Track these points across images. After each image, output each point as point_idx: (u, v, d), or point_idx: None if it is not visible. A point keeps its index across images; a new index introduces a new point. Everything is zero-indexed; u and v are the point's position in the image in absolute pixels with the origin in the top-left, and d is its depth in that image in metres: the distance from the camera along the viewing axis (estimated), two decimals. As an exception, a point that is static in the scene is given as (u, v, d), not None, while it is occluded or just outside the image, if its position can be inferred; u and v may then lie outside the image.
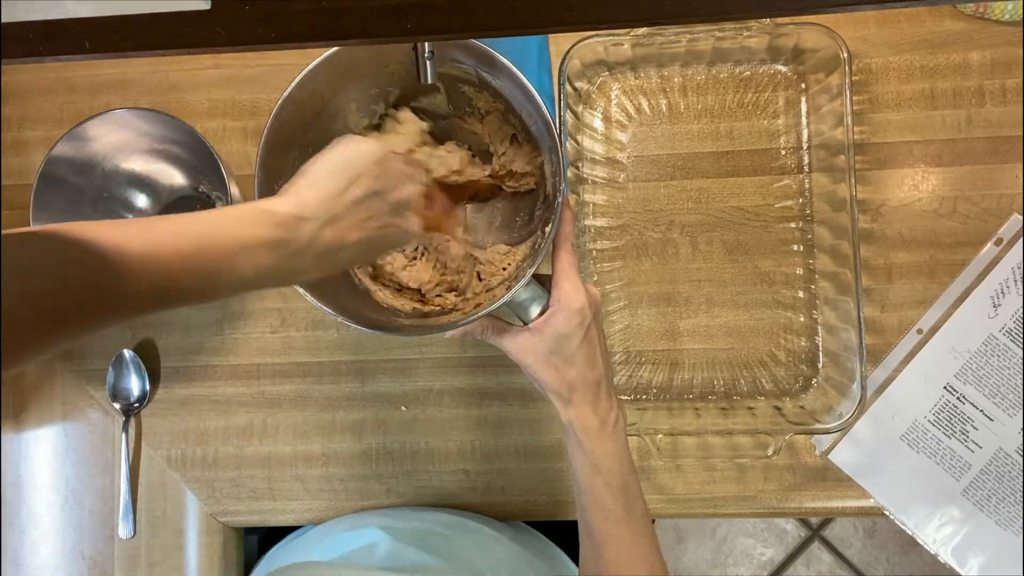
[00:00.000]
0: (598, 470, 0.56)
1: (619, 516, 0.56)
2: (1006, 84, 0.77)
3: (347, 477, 0.82)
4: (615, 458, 0.56)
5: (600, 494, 0.56)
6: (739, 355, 0.78)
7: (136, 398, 0.83)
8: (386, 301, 0.66)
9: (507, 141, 0.67)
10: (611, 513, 0.56)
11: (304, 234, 0.48)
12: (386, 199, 0.53)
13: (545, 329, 0.55)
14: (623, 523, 0.56)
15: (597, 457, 0.56)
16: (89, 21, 0.32)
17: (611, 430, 0.56)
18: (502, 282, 0.65)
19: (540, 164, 0.66)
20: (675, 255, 0.79)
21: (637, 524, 0.56)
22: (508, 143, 0.67)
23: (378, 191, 0.52)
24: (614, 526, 0.56)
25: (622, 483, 0.56)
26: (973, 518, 0.76)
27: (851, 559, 1.57)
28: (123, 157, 0.80)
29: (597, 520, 0.56)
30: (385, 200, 0.53)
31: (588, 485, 0.56)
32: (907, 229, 0.78)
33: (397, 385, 0.81)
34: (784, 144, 0.79)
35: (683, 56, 0.78)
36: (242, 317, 0.83)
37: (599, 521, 0.56)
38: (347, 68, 0.61)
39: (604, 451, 0.56)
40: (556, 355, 0.55)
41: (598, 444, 0.56)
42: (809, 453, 0.78)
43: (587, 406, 0.56)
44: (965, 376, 0.77)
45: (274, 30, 0.32)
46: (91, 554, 0.84)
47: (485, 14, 0.31)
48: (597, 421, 0.56)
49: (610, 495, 0.56)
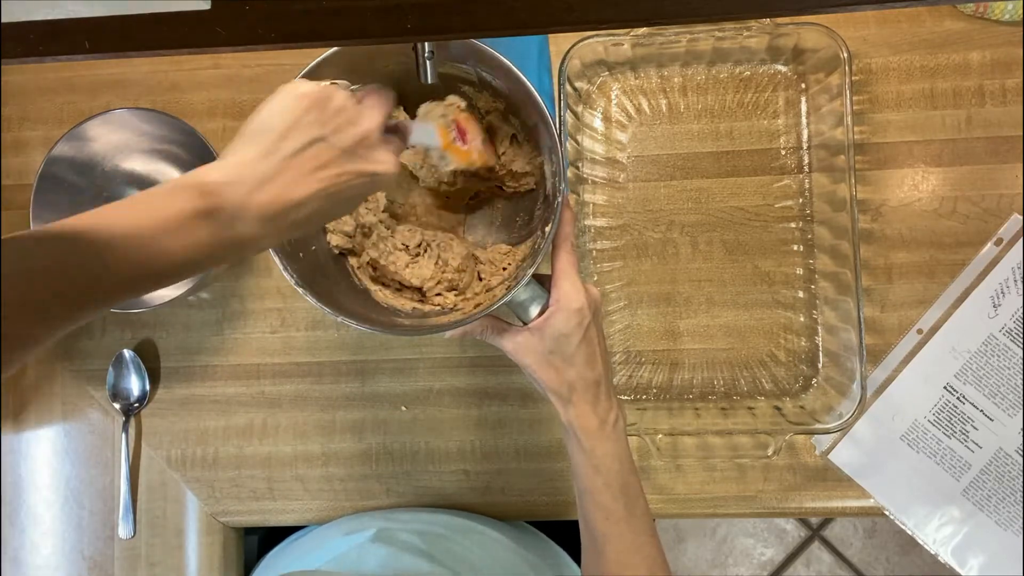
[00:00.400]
0: (598, 470, 0.56)
1: (620, 515, 0.56)
2: (1006, 84, 0.77)
3: (347, 477, 0.82)
4: (615, 458, 0.56)
5: (600, 494, 0.56)
6: (739, 355, 0.78)
7: (136, 398, 0.83)
8: (386, 301, 0.66)
9: (507, 141, 0.67)
10: (612, 513, 0.56)
11: (234, 199, 0.43)
12: (333, 144, 0.47)
13: (545, 329, 0.55)
14: (624, 522, 0.56)
15: (597, 457, 0.56)
16: (89, 21, 0.32)
17: (611, 430, 0.56)
18: (502, 282, 0.65)
19: (540, 164, 0.66)
20: (675, 255, 0.79)
21: (638, 523, 0.56)
22: (508, 143, 0.67)
23: (320, 136, 0.47)
24: (615, 525, 0.56)
25: (622, 482, 0.56)
26: (973, 518, 0.76)
27: (851, 559, 1.57)
28: (123, 157, 0.80)
29: (598, 520, 0.56)
30: (333, 145, 0.47)
31: (588, 485, 0.56)
32: (907, 229, 0.78)
33: (397, 385, 0.81)
34: (784, 144, 0.79)
35: (683, 56, 0.78)
36: (242, 317, 0.83)
37: (600, 521, 0.56)
38: (348, 67, 0.61)
39: (604, 451, 0.56)
40: (556, 355, 0.55)
41: (598, 444, 0.56)
42: (809, 453, 0.78)
43: (587, 406, 0.56)
44: (965, 376, 0.77)
45: (274, 30, 0.32)
46: (91, 554, 0.84)
47: (485, 14, 0.31)
48: (597, 421, 0.56)
49: (610, 495, 0.56)
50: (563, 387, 0.56)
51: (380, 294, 0.67)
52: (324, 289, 0.61)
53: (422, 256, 0.68)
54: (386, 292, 0.67)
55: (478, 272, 0.68)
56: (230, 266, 0.82)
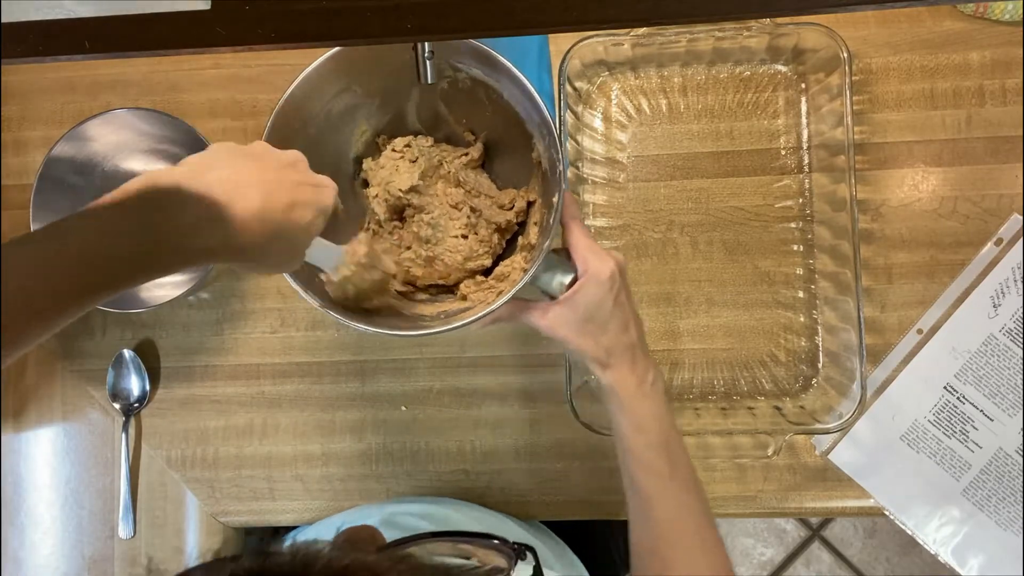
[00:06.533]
0: (640, 429, 0.57)
1: (664, 473, 0.57)
2: (1006, 84, 0.77)
3: (347, 477, 0.82)
4: (655, 416, 0.58)
5: (643, 452, 0.57)
6: (739, 355, 0.78)
7: (136, 398, 0.83)
8: (416, 310, 0.67)
9: (485, 182, 0.69)
10: (657, 471, 0.57)
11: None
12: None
13: (578, 300, 0.57)
14: (669, 480, 0.57)
15: (639, 416, 0.57)
16: (89, 21, 0.32)
17: (649, 389, 0.58)
18: (517, 268, 0.66)
19: (525, 200, 0.68)
20: (675, 255, 0.79)
21: (683, 481, 0.58)
22: (488, 183, 0.69)
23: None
24: (660, 484, 0.57)
25: (664, 440, 0.57)
26: (973, 518, 0.76)
27: (851, 559, 1.57)
28: (123, 157, 0.80)
29: (643, 478, 0.57)
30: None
31: (632, 444, 0.58)
32: (907, 229, 0.78)
33: (397, 385, 0.81)
34: (784, 144, 0.79)
35: (683, 56, 0.78)
36: (242, 317, 0.83)
37: (644, 479, 0.57)
38: (348, 67, 0.61)
39: (644, 410, 0.58)
40: (592, 323, 0.57)
41: (639, 403, 0.58)
42: (809, 453, 0.78)
43: (625, 367, 0.57)
44: (965, 376, 0.77)
45: (274, 30, 0.32)
46: (91, 554, 0.84)
47: (485, 14, 0.31)
48: (636, 380, 0.57)
49: (654, 453, 0.57)
50: (601, 352, 0.57)
51: (418, 308, 0.67)
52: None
53: (470, 235, 0.68)
54: (421, 304, 0.68)
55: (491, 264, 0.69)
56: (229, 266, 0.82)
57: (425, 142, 0.69)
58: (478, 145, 0.69)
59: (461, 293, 0.67)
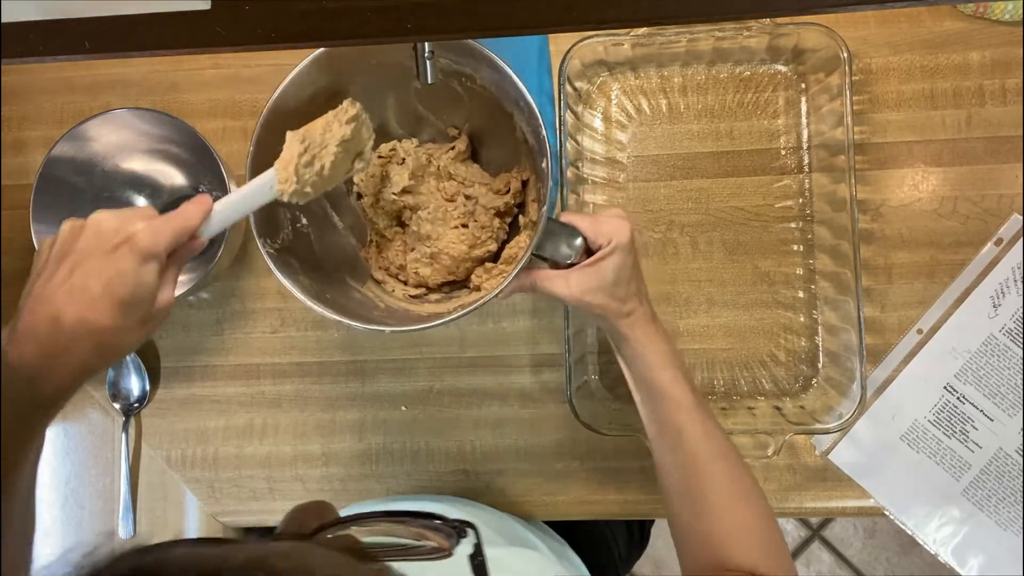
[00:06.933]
0: (664, 367, 0.61)
1: (691, 403, 0.60)
2: (1006, 84, 0.77)
3: (347, 477, 0.82)
4: (673, 353, 0.62)
5: (670, 388, 0.60)
6: (739, 355, 0.78)
7: (136, 398, 0.83)
8: (427, 311, 0.67)
9: (477, 172, 0.69)
10: (685, 404, 0.60)
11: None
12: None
13: (605, 265, 0.58)
14: (695, 409, 0.60)
15: (663, 355, 0.61)
16: (89, 21, 0.32)
17: (660, 331, 0.62)
18: (523, 247, 0.66)
19: (519, 184, 0.68)
20: (675, 255, 0.79)
21: (704, 408, 0.61)
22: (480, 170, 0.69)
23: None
24: (687, 414, 0.60)
25: (685, 374, 0.61)
26: (973, 518, 0.76)
27: (851, 559, 1.57)
28: (123, 157, 0.79)
29: (673, 414, 0.61)
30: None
31: (659, 383, 0.61)
32: (907, 229, 0.78)
33: (397, 385, 0.81)
34: (784, 144, 0.79)
35: (683, 56, 0.78)
36: (242, 317, 0.83)
37: (675, 414, 0.60)
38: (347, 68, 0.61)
39: (664, 348, 0.61)
40: (618, 286, 0.59)
41: (658, 344, 0.61)
42: (809, 453, 0.78)
43: (644, 317, 0.61)
44: (965, 376, 0.77)
45: (274, 30, 0.32)
46: (91, 554, 0.84)
47: (485, 14, 0.31)
48: (654, 327, 0.62)
49: (679, 387, 0.60)
50: (624, 308, 0.60)
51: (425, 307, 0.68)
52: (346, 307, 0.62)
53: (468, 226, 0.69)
54: (436, 304, 0.68)
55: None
56: (229, 266, 0.82)
57: (410, 144, 0.69)
58: (463, 138, 0.69)
59: (474, 284, 0.67)
